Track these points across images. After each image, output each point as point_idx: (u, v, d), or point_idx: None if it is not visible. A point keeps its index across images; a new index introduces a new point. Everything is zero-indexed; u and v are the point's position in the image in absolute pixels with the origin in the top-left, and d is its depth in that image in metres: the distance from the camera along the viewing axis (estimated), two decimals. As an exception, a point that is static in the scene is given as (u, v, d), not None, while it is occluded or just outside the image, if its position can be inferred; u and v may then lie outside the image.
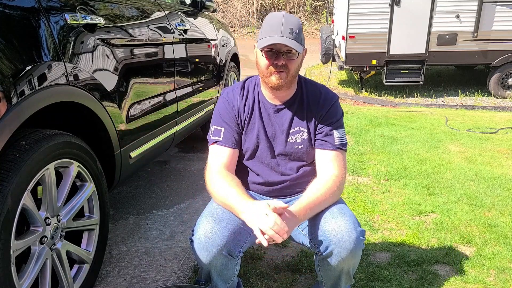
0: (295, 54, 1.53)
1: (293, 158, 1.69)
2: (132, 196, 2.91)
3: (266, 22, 1.54)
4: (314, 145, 1.66)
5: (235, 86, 1.71)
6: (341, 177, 1.61)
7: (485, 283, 1.99)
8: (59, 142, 1.58)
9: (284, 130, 1.65)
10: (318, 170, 1.65)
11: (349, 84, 7.44)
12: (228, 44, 3.97)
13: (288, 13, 1.55)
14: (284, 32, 1.48)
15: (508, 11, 5.89)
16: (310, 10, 13.15)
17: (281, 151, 1.67)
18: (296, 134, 1.65)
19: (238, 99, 1.67)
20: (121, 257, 2.19)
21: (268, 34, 1.50)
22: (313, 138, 1.66)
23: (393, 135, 4.28)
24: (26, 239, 1.47)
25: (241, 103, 1.67)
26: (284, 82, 1.55)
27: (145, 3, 2.45)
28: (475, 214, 2.64)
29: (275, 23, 1.51)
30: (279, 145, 1.67)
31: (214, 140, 1.66)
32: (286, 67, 1.53)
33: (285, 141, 1.66)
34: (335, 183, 1.57)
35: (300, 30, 1.53)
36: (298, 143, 1.66)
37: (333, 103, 1.66)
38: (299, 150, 1.67)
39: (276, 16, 1.54)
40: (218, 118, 1.67)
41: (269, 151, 1.68)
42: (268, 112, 1.66)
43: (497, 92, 6.36)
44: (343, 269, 1.56)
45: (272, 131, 1.66)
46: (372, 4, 6.01)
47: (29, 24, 1.50)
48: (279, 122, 1.66)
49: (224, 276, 1.59)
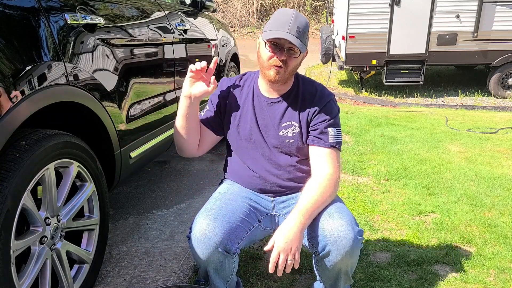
0: (297, 52, 1.54)
1: (285, 152, 1.69)
2: (132, 196, 2.91)
3: (276, 16, 1.56)
4: (306, 141, 1.67)
5: (234, 77, 1.78)
6: (336, 176, 1.61)
7: (485, 283, 1.99)
8: (59, 142, 1.57)
9: (276, 123, 1.67)
10: (313, 168, 1.65)
11: (349, 84, 7.44)
12: (228, 44, 3.97)
13: (299, 13, 1.57)
14: (291, 29, 1.50)
15: (508, 11, 5.90)
16: (310, 10, 13.15)
17: (273, 144, 1.69)
18: (288, 128, 1.66)
19: (233, 85, 1.74)
20: (121, 257, 2.19)
21: (276, 28, 1.52)
22: (304, 134, 1.66)
23: (393, 135, 4.28)
24: (26, 239, 1.47)
25: (234, 90, 1.72)
26: (280, 78, 1.57)
27: (145, 3, 2.45)
28: (475, 214, 2.64)
29: (284, 18, 1.52)
30: (271, 138, 1.68)
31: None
32: (285, 63, 1.55)
33: (277, 134, 1.67)
34: (330, 182, 1.58)
35: (306, 31, 1.55)
36: (289, 137, 1.66)
37: (329, 101, 1.66)
38: (290, 145, 1.67)
39: (286, 12, 1.55)
40: (210, 98, 1.77)
41: (262, 144, 1.69)
42: (262, 105, 1.68)
43: (497, 92, 6.36)
44: (341, 268, 1.56)
45: (264, 124, 1.68)
46: (372, 4, 6.02)
47: (29, 24, 1.50)
48: (272, 115, 1.67)
49: (222, 273, 1.59)
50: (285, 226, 1.49)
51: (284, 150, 1.69)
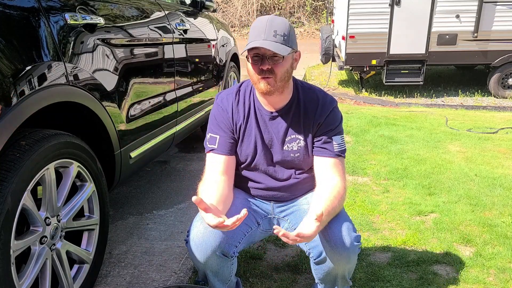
0: (279, 57, 1.46)
1: (290, 166, 1.66)
2: (132, 196, 2.91)
3: (252, 27, 1.49)
4: (312, 153, 1.62)
5: (230, 91, 1.67)
6: (344, 186, 1.57)
7: (485, 283, 1.99)
8: (59, 142, 1.57)
9: (280, 138, 1.62)
10: (320, 179, 1.60)
11: (349, 84, 7.44)
12: (228, 44, 3.97)
13: (275, 16, 1.49)
14: (268, 36, 1.43)
15: (508, 11, 5.89)
16: (310, 10, 13.15)
17: (278, 159, 1.64)
18: (292, 142, 1.62)
19: (233, 105, 1.63)
20: (121, 257, 2.19)
21: (253, 39, 1.46)
22: (310, 146, 1.62)
23: (393, 135, 4.28)
24: (26, 239, 1.47)
25: (236, 109, 1.63)
26: (273, 88, 1.49)
27: (145, 3, 2.45)
28: (475, 214, 2.64)
29: (259, 27, 1.46)
30: (276, 153, 1.64)
31: (210, 148, 1.64)
32: (272, 71, 1.47)
33: (281, 149, 1.63)
34: (339, 193, 1.53)
35: (287, 32, 1.46)
36: (295, 151, 1.62)
37: (332, 109, 1.61)
38: (295, 158, 1.63)
39: (261, 20, 1.48)
40: (214, 125, 1.65)
41: (267, 158, 1.65)
42: (264, 119, 1.62)
43: (497, 92, 6.36)
44: (338, 273, 1.55)
45: (269, 138, 1.63)
46: (372, 4, 6.01)
47: (29, 24, 1.50)
48: (275, 129, 1.62)
49: (221, 276, 1.59)
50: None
51: (288, 165, 1.66)
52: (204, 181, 1.58)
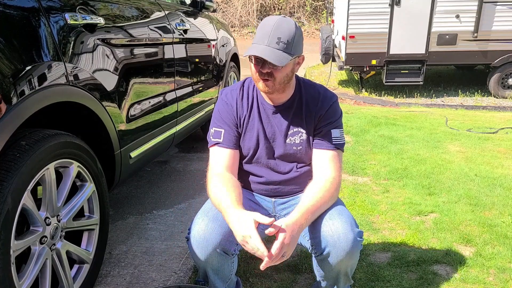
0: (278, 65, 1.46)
1: (292, 159, 1.68)
2: (132, 196, 2.91)
3: (260, 27, 1.51)
4: (312, 146, 1.66)
5: (234, 87, 1.70)
6: (338, 179, 1.60)
7: (485, 283, 1.99)
8: (59, 142, 1.57)
9: (283, 131, 1.65)
10: (315, 171, 1.63)
11: (349, 84, 7.44)
12: (228, 44, 3.97)
13: (283, 19, 1.48)
14: (271, 42, 1.44)
15: (508, 11, 5.89)
16: (310, 10, 13.15)
17: (280, 152, 1.67)
18: (295, 135, 1.65)
19: (237, 99, 1.66)
20: (121, 257, 2.19)
21: (256, 41, 1.48)
22: (311, 139, 1.65)
23: (393, 135, 4.28)
24: (26, 239, 1.47)
25: (240, 104, 1.66)
26: (271, 89, 1.53)
27: (145, 3, 2.45)
28: (475, 214, 2.64)
29: (265, 30, 1.47)
30: (278, 146, 1.66)
31: (215, 142, 1.65)
32: (271, 75, 1.49)
33: (284, 142, 1.65)
34: (333, 185, 1.56)
35: (291, 39, 1.46)
36: (297, 144, 1.65)
37: (332, 103, 1.65)
38: (298, 151, 1.66)
39: (268, 23, 1.49)
40: (218, 119, 1.67)
41: (269, 152, 1.68)
42: (267, 113, 1.65)
43: (497, 92, 6.36)
44: (340, 270, 1.56)
45: (271, 132, 1.66)
46: (372, 4, 6.02)
47: (29, 24, 1.50)
48: (278, 123, 1.65)
49: (221, 274, 1.59)
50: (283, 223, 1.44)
51: (290, 159, 1.68)
52: (213, 177, 1.57)
